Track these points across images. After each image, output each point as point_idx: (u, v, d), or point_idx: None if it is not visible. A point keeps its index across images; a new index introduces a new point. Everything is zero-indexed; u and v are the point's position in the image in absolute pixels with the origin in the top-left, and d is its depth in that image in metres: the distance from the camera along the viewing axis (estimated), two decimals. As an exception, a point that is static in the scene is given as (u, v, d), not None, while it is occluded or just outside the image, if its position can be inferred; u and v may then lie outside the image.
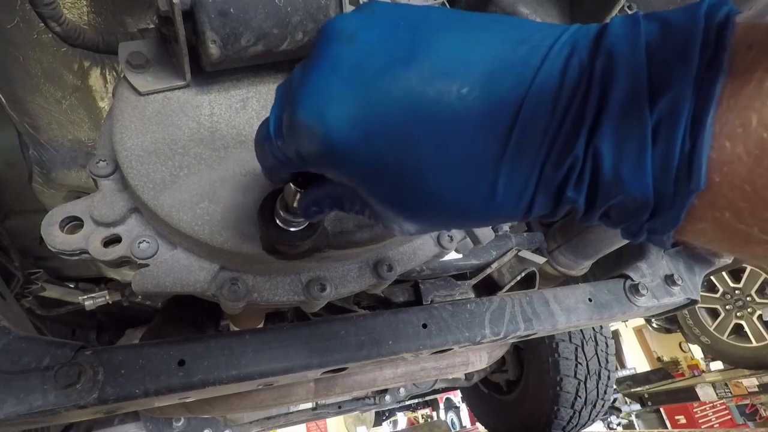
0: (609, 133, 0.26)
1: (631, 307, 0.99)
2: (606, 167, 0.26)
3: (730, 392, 4.40)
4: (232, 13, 0.54)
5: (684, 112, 0.24)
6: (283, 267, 0.60)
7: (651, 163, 0.25)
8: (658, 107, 0.24)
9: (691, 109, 0.24)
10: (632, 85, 0.25)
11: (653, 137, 0.25)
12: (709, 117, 0.23)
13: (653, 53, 0.25)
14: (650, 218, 0.27)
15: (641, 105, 0.25)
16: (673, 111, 0.24)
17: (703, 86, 0.24)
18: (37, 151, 1.07)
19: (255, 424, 2.02)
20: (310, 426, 7.86)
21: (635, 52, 0.26)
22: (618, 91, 0.26)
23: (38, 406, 0.56)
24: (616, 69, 0.26)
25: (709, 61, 0.24)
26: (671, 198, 0.25)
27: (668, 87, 0.24)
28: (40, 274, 1.42)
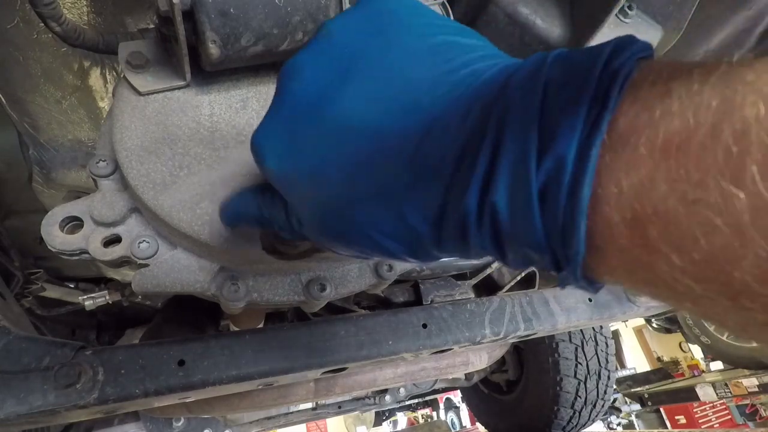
0: (502, 188, 0.25)
1: (631, 307, 0.99)
2: (503, 221, 0.26)
3: (730, 392, 4.41)
4: (232, 13, 0.54)
5: (565, 175, 0.23)
6: (283, 267, 0.60)
7: (541, 223, 0.24)
8: (544, 166, 0.23)
9: (571, 173, 0.23)
10: (521, 139, 0.24)
11: (543, 196, 0.24)
12: (585, 184, 0.22)
13: (549, 102, 0.24)
14: (557, 270, 0.26)
15: (528, 163, 0.24)
16: (556, 172, 0.23)
17: (584, 148, 0.22)
18: (37, 151, 1.07)
19: (255, 424, 2.02)
20: (310, 426, 7.86)
21: (530, 102, 0.25)
22: (508, 145, 0.25)
23: (38, 406, 0.56)
24: (508, 120, 0.25)
25: (595, 118, 0.22)
26: (564, 258, 0.25)
27: (554, 144, 0.23)
28: (40, 274, 1.42)
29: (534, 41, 0.79)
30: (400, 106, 0.30)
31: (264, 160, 0.37)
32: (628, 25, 0.81)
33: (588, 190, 0.22)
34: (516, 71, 0.27)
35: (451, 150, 0.27)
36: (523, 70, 0.27)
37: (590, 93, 0.23)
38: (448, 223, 0.28)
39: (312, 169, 0.34)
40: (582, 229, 0.23)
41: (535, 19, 0.77)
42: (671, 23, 0.83)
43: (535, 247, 0.25)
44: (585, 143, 0.22)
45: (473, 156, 0.26)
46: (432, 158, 0.28)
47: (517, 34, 0.78)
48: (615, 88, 0.22)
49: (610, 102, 0.22)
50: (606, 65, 0.23)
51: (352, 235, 0.33)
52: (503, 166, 0.25)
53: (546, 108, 0.24)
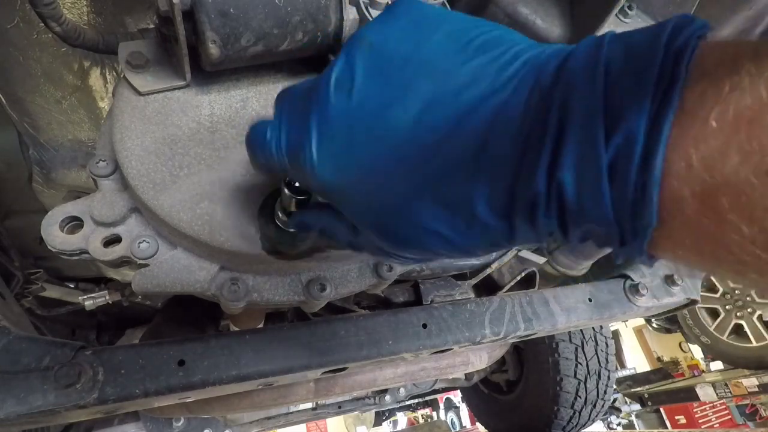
0: (569, 165, 0.26)
1: (631, 307, 0.99)
2: (570, 198, 0.27)
3: (730, 392, 4.41)
4: (232, 13, 0.54)
5: (636, 150, 0.24)
6: (283, 267, 0.60)
7: (610, 197, 0.25)
8: (613, 142, 0.24)
9: (642, 147, 0.24)
10: (588, 117, 0.25)
11: (612, 171, 0.25)
12: (658, 157, 0.23)
13: (612, 83, 0.25)
14: (621, 245, 0.27)
15: (597, 140, 0.25)
16: (626, 147, 0.24)
17: (655, 123, 0.23)
18: (37, 151, 1.07)
19: (255, 424, 2.02)
20: (310, 426, 7.86)
21: (593, 84, 0.25)
22: (574, 126, 0.26)
23: (38, 406, 0.56)
24: (572, 102, 0.26)
25: (663, 95, 0.23)
26: (632, 231, 0.26)
27: (623, 122, 0.24)
28: (40, 274, 1.42)
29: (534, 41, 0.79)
30: (460, 108, 0.31)
31: (316, 172, 0.37)
32: (628, 25, 0.81)
33: (661, 162, 0.23)
34: (571, 54, 0.28)
35: (516, 138, 0.28)
36: (579, 53, 0.27)
37: (656, 70, 0.24)
38: (518, 208, 0.29)
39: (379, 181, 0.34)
40: (654, 201, 0.24)
41: (535, 18, 0.77)
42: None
43: (601, 221, 0.26)
44: (655, 118, 0.23)
45: (539, 140, 0.27)
46: (498, 148, 0.29)
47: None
48: (682, 65, 0.23)
49: (679, 78, 0.23)
50: (668, 44, 0.24)
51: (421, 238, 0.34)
52: (570, 145, 0.26)
53: (609, 89, 0.25)
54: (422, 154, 0.32)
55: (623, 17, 0.81)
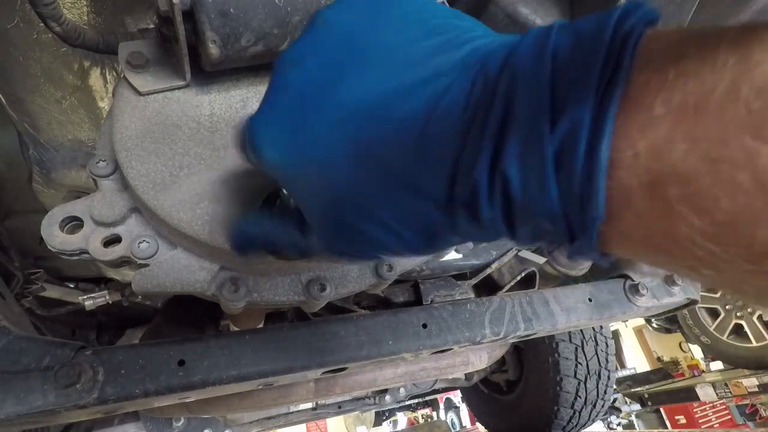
0: (513, 156, 0.25)
1: (631, 307, 0.99)
2: (514, 191, 0.25)
3: (730, 392, 4.40)
4: (232, 13, 0.54)
5: (581, 139, 0.22)
6: (283, 267, 0.60)
7: (556, 189, 0.24)
8: (558, 131, 0.23)
9: (588, 136, 0.22)
10: (533, 106, 0.24)
11: (558, 162, 0.23)
12: (603, 145, 0.22)
13: (558, 71, 0.24)
14: (571, 241, 0.26)
15: (542, 130, 0.24)
16: (571, 137, 0.23)
17: (599, 111, 0.22)
18: (37, 151, 1.07)
19: (255, 424, 2.02)
20: (310, 426, 7.86)
21: (539, 73, 0.24)
22: (519, 115, 0.24)
23: (38, 406, 0.56)
24: (517, 91, 0.25)
25: (608, 83, 0.22)
26: (580, 225, 0.24)
27: (568, 110, 0.23)
28: (40, 274, 1.42)
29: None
30: (402, 89, 0.30)
31: (263, 149, 0.36)
32: (628, 25, 0.81)
33: (607, 150, 0.22)
34: (520, 43, 0.27)
35: (459, 124, 0.27)
36: (527, 41, 0.26)
37: (602, 57, 0.23)
38: (458, 199, 0.28)
39: (318, 157, 0.33)
40: (601, 191, 0.22)
41: (535, 19, 0.77)
42: (671, 24, 0.83)
43: (548, 215, 0.25)
44: (600, 106, 0.22)
45: (482, 129, 0.26)
46: (439, 136, 0.28)
47: (517, 33, 0.78)
48: (627, 51, 0.22)
49: (623, 65, 0.22)
50: (615, 29, 0.23)
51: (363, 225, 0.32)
52: (513, 134, 0.25)
53: (556, 75, 0.24)
54: (362, 135, 0.31)
55: (623, 17, 0.81)
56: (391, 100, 0.30)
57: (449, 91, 0.28)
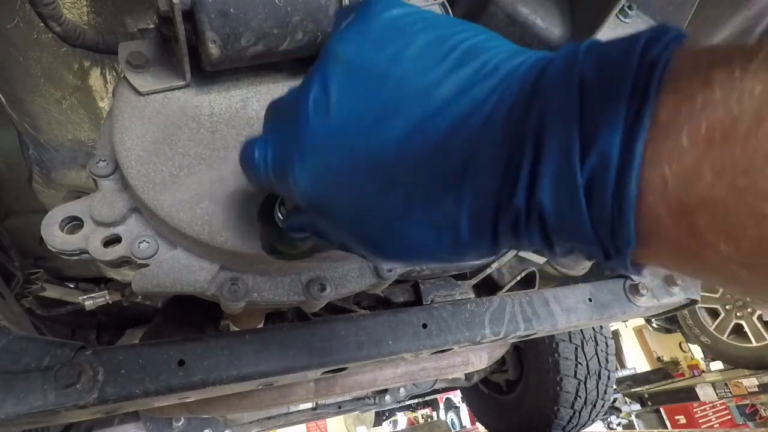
0: (547, 186, 0.25)
1: (631, 307, 0.99)
2: (549, 218, 0.26)
3: (730, 392, 4.40)
4: (232, 13, 0.54)
5: (611, 170, 0.23)
6: (283, 267, 0.60)
7: (588, 217, 0.24)
8: (589, 162, 0.24)
9: (617, 167, 0.23)
10: (563, 139, 0.25)
11: (588, 191, 0.24)
12: (632, 176, 0.22)
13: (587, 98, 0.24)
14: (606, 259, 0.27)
15: (572, 161, 0.24)
16: (601, 167, 0.23)
17: (628, 141, 0.23)
18: (37, 151, 1.07)
19: (255, 424, 2.02)
20: (310, 426, 7.86)
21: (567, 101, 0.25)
22: (550, 145, 0.25)
23: (38, 406, 0.56)
24: (548, 120, 0.25)
25: (636, 111, 0.23)
26: (614, 249, 0.25)
27: (598, 140, 0.24)
28: (40, 274, 1.42)
29: (534, 41, 0.79)
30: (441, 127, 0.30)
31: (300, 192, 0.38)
32: (628, 25, 0.81)
33: (635, 185, 0.22)
34: (547, 67, 0.27)
35: (497, 156, 0.28)
36: (554, 66, 0.27)
37: (629, 87, 0.23)
38: (501, 226, 0.29)
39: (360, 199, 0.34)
40: (631, 223, 0.23)
41: (535, 18, 0.77)
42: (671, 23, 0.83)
43: (583, 240, 0.26)
44: (628, 137, 0.23)
45: (518, 158, 0.27)
46: (481, 167, 0.29)
47: (517, 34, 0.78)
48: (654, 81, 0.23)
49: (650, 95, 0.22)
50: (642, 56, 0.23)
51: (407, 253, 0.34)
52: (547, 166, 0.25)
53: (584, 105, 0.24)
54: (406, 175, 0.32)
55: (623, 17, 0.81)
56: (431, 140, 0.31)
57: (488, 122, 0.29)
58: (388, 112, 0.32)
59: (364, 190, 0.33)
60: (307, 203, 0.38)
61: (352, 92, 0.34)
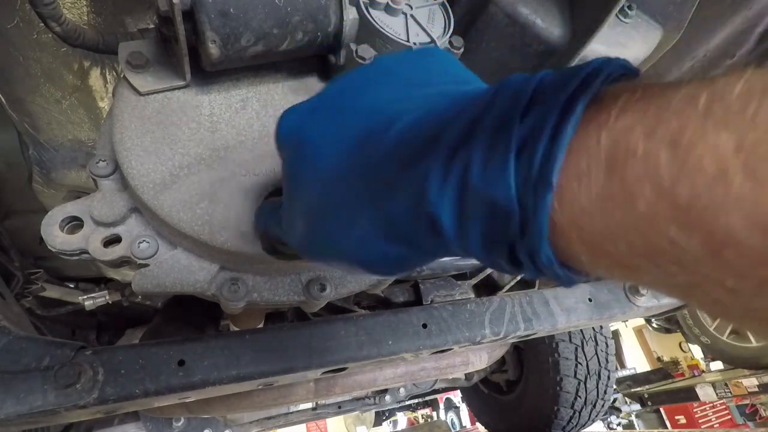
0: (480, 143, 0.26)
1: (631, 307, 0.99)
2: (474, 173, 0.26)
3: (730, 392, 4.41)
4: (232, 13, 0.54)
5: (547, 127, 0.24)
6: (283, 267, 0.60)
7: (515, 171, 0.25)
8: (527, 120, 0.25)
9: (554, 123, 0.24)
10: (510, 106, 0.26)
11: (521, 147, 0.25)
12: (566, 131, 0.23)
13: (541, 86, 0.26)
14: (521, 234, 0.26)
15: (512, 120, 0.26)
16: (538, 124, 0.24)
17: (569, 105, 0.24)
18: (37, 151, 1.07)
19: (255, 424, 2.02)
20: (310, 426, 7.86)
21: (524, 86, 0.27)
22: (495, 113, 0.27)
23: (38, 406, 0.56)
24: (499, 97, 0.27)
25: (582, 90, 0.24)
26: (532, 207, 0.24)
27: (541, 105, 0.25)
28: (40, 274, 1.42)
29: (534, 41, 0.79)
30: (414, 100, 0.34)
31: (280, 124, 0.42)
32: (628, 25, 0.81)
33: (571, 130, 0.23)
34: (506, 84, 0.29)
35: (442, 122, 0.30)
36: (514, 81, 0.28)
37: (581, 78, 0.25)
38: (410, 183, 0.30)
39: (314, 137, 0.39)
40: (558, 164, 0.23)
41: (535, 19, 0.77)
42: (671, 23, 0.83)
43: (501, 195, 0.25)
44: (570, 102, 0.24)
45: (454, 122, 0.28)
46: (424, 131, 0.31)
47: (517, 34, 0.78)
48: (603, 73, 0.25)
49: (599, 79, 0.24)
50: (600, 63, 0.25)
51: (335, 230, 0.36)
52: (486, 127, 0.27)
53: (537, 89, 0.26)
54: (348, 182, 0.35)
55: (623, 17, 0.81)
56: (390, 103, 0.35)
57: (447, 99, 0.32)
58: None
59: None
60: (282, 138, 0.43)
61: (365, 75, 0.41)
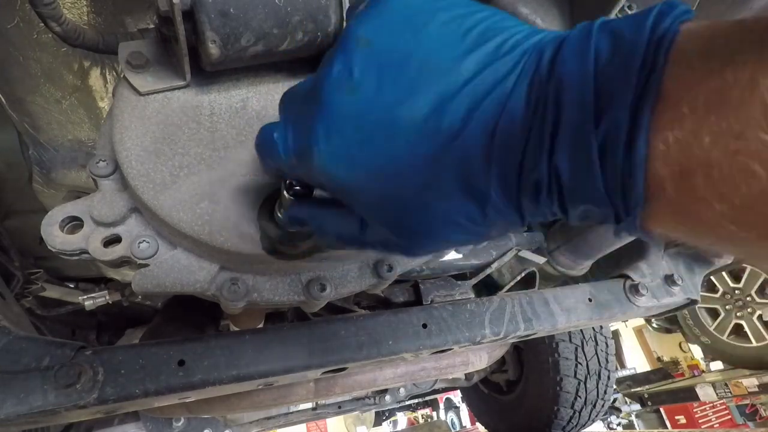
0: (564, 153, 0.28)
1: (631, 307, 0.99)
2: (565, 181, 0.29)
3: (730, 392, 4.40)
4: (232, 13, 0.54)
5: (621, 135, 0.25)
6: (283, 267, 0.60)
7: (602, 179, 0.27)
8: (602, 129, 0.26)
9: (627, 133, 0.25)
10: (578, 111, 0.27)
11: (602, 155, 0.27)
12: (640, 140, 0.25)
13: (600, 72, 0.27)
14: (617, 222, 0.29)
15: (587, 128, 0.27)
16: (613, 133, 0.26)
17: (637, 110, 0.25)
18: (37, 151, 1.07)
19: (255, 424, 2.02)
20: (310, 426, 7.86)
21: (582, 76, 0.27)
22: (567, 119, 0.28)
23: (38, 406, 0.56)
24: (565, 97, 0.28)
25: (644, 83, 0.25)
26: (624, 209, 0.28)
27: (610, 109, 0.26)
28: (40, 274, 1.42)
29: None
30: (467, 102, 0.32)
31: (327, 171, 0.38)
32: (628, 25, 0.81)
33: (643, 146, 0.25)
34: (563, 43, 0.29)
35: (521, 129, 0.30)
36: (570, 42, 0.29)
37: (639, 60, 0.25)
38: (524, 191, 0.31)
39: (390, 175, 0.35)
40: (640, 182, 0.25)
41: (535, 18, 0.77)
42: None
43: (596, 201, 0.28)
44: (637, 105, 0.25)
45: (539, 130, 0.29)
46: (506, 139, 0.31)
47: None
48: (661, 54, 0.25)
49: (657, 67, 0.25)
50: (651, 32, 0.26)
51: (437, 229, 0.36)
52: (564, 133, 0.28)
53: (598, 78, 0.27)
54: (436, 149, 0.33)
55: (623, 17, 0.81)
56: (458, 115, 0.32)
57: (510, 98, 0.31)
58: (415, 90, 0.33)
59: (394, 167, 0.34)
60: (331, 184, 0.39)
61: (374, 71, 0.35)
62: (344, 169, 0.37)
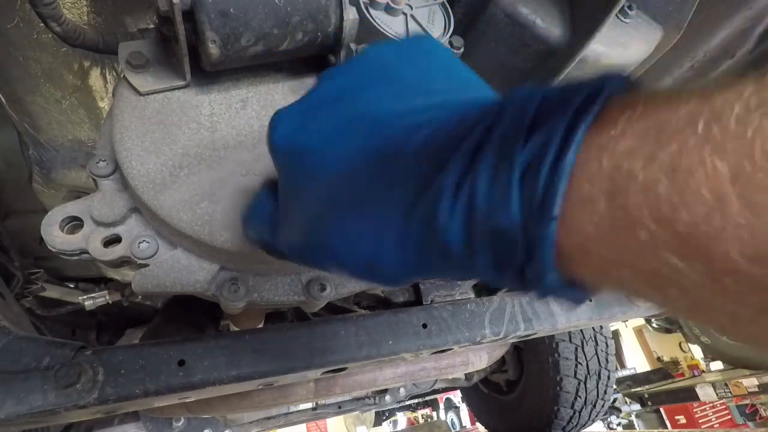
0: (485, 167, 0.26)
1: (631, 307, 0.99)
2: (479, 198, 0.26)
3: (730, 392, 4.41)
4: (232, 13, 0.54)
5: (550, 151, 0.24)
6: (283, 267, 0.60)
7: (519, 196, 0.25)
8: (530, 144, 0.25)
9: (557, 147, 0.24)
10: (513, 126, 0.26)
11: (525, 172, 0.25)
12: (569, 154, 0.23)
13: (544, 104, 0.26)
14: (528, 259, 0.25)
15: (516, 144, 0.25)
16: (541, 149, 0.24)
17: (571, 127, 0.24)
18: (37, 151, 1.07)
19: (255, 424, 2.02)
20: (310, 426, 7.86)
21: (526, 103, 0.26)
22: (500, 132, 0.26)
23: (38, 406, 0.56)
24: (503, 115, 0.27)
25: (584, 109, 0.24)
26: (538, 233, 0.24)
27: (543, 128, 0.25)
28: (40, 274, 1.42)
29: (534, 41, 0.79)
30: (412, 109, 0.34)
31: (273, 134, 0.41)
32: (628, 25, 0.81)
33: (573, 158, 0.23)
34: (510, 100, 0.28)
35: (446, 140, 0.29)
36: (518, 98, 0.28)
37: (584, 94, 0.25)
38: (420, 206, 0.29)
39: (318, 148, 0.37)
40: (561, 190, 0.23)
41: (535, 19, 0.77)
42: (671, 23, 0.83)
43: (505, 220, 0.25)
44: (572, 124, 0.24)
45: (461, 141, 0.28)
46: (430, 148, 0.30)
47: (517, 34, 0.78)
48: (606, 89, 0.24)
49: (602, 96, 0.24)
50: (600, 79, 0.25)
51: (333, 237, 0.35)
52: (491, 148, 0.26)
53: (540, 107, 0.26)
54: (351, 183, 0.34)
55: (623, 17, 0.81)
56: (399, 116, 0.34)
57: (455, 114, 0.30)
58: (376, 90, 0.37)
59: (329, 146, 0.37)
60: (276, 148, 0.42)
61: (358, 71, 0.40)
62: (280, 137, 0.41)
